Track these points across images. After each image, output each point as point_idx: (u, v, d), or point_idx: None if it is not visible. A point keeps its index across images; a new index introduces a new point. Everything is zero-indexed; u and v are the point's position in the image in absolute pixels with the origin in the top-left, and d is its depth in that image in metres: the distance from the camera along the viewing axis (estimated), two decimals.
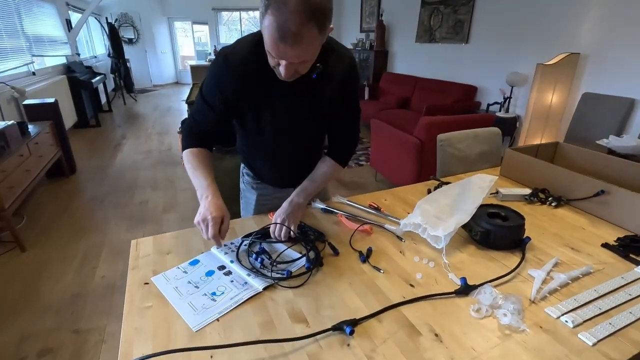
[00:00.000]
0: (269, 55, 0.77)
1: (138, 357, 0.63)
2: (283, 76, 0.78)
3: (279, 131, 1.00)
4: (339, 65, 0.92)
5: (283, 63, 0.75)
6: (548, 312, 0.75)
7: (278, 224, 0.97)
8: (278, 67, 0.77)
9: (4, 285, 1.87)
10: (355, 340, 0.68)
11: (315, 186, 1.05)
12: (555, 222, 1.13)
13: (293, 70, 0.77)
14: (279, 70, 0.78)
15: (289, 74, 0.77)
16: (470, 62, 4.10)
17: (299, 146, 1.08)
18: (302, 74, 0.81)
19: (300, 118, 0.98)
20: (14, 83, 3.34)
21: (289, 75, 0.78)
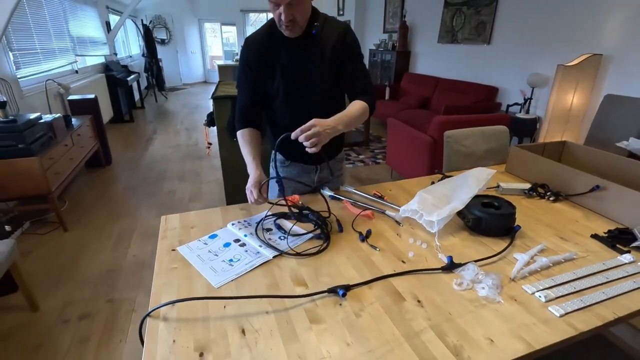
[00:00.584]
0: (274, 13, 1.02)
1: (164, 303, 0.77)
2: (284, 19, 0.99)
3: (292, 86, 1.16)
4: (334, 28, 1.14)
5: (281, 8, 0.97)
6: (525, 288, 0.83)
7: (309, 131, 0.95)
8: (281, 20, 1.01)
9: (50, 260, 2.10)
10: (347, 302, 0.79)
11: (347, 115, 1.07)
12: (551, 215, 1.19)
13: (290, 15, 0.99)
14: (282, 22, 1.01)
15: (287, 17, 0.99)
16: (492, 63, 4.08)
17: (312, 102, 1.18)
18: (301, 22, 1.03)
19: (307, 72, 1.14)
20: (60, 80, 3.66)
21: (287, 19, 0.99)
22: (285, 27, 1.03)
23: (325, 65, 1.14)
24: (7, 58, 2.77)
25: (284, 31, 1.06)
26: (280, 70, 1.13)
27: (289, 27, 1.03)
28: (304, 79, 1.15)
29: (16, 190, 2.15)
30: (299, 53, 1.12)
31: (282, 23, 1.02)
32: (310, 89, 1.17)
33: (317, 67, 1.14)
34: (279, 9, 0.99)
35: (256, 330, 0.71)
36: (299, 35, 1.09)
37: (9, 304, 1.71)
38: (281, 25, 1.04)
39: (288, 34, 1.06)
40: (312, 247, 0.99)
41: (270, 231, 1.08)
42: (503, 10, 3.84)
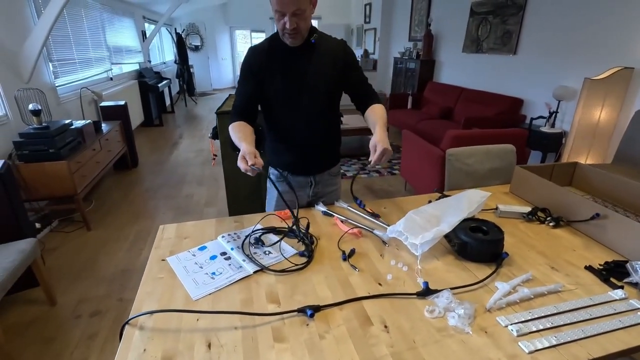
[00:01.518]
0: (277, 22, 1.11)
1: (142, 312, 0.82)
2: (288, 27, 1.08)
3: (291, 90, 1.23)
4: (331, 43, 1.25)
5: (286, 17, 1.07)
6: (499, 320, 0.81)
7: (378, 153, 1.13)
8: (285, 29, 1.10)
9: (72, 257, 2.26)
10: (315, 322, 0.81)
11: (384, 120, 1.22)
12: (547, 242, 1.15)
13: (294, 23, 1.08)
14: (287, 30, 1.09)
15: (292, 25, 1.08)
16: (517, 73, 3.94)
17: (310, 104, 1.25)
18: (303, 31, 1.13)
19: (306, 76, 1.22)
20: (95, 87, 3.92)
21: (291, 27, 1.08)
22: (288, 35, 1.12)
23: (323, 71, 1.23)
24: (47, 69, 3.02)
25: (287, 39, 1.15)
26: (280, 76, 1.21)
27: (292, 35, 1.12)
28: (303, 83, 1.23)
29: (45, 191, 2.33)
30: (299, 60, 1.21)
31: (286, 31, 1.11)
32: (309, 92, 1.24)
33: (316, 72, 1.22)
34: (284, 18, 1.09)
35: (222, 345, 0.75)
36: (300, 44, 1.18)
37: (32, 297, 1.85)
38: (285, 33, 1.12)
39: (290, 42, 1.15)
40: (294, 263, 1.02)
41: (257, 245, 1.12)
42: (530, 20, 3.71)
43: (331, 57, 1.23)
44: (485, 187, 1.53)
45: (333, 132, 1.39)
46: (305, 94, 1.24)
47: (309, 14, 1.12)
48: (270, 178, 1.31)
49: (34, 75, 2.72)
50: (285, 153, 1.36)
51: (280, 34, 1.15)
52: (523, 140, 2.51)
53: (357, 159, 4.31)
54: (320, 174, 1.39)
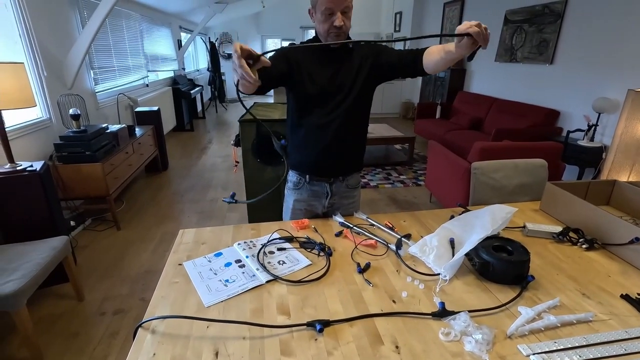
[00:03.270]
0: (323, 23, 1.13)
1: (155, 316, 0.84)
2: (337, 24, 1.11)
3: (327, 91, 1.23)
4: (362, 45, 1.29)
5: (337, 15, 1.10)
6: (520, 348, 0.76)
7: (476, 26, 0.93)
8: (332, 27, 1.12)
9: (101, 255, 2.36)
10: (324, 337, 0.79)
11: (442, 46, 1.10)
12: (579, 265, 1.07)
13: (342, 21, 1.11)
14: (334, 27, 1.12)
15: (341, 22, 1.11)
16: (554, 84, 3.76)
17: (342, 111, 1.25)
18: (347, 30, 1.16)
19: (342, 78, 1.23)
20: (131, 94, 4.13)
21: (340, 23, 1.11)
22: (335, 34, 1.14)
23: (357, 72, 1.24)
24: (88, 76, 3.21)
25: (330, 36, 1.16)
26: (317, 75, 1.23)
27: (339, 33, 1.14)
28: (339, 83, 1.24)
29: (81, 191, 2.46)
30: (337, 59, 1.24)
31: (333, 31, 1.13)
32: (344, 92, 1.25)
33: (351, 72, 1.24)
34: (332, 17, 1.12)
35: (229, 354, 0.74)
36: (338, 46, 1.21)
37: (62, 292, 1.95)
38: (331, 32, 1.14)
39: (333, 38, 1.16)
40: (308, 274, 1.00)
41: (273, 254, 1.12)
42: (569, 28, 3.55)
43: (363, 57, 1.25)
44: (512, 203, 1.46)
45: (359, 136, 1.36)
46: (340, 93, 1.25)
47: (351, 13, 1.16)
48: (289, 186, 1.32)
49: (77, 81, 2.90)
50: (309, 151, 1.32)
51: (325, 35, 1.16)
52: (557, 154, 2.38)
53: (381, 169, 4.26)
54: (337, 185, 1.37)
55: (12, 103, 1.70)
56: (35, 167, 1.85)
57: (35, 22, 2.44)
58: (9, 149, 1.82)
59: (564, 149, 3.17)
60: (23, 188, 1.78)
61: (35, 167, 1.84)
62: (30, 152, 2.36)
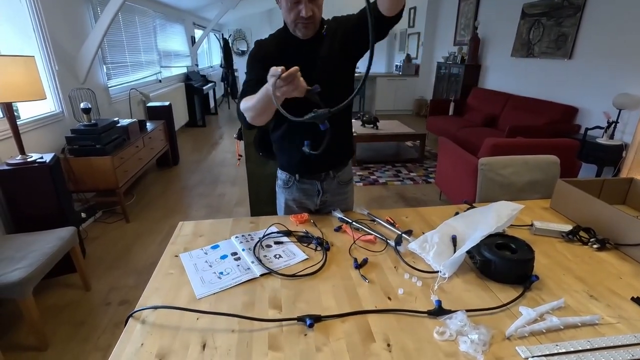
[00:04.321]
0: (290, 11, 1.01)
1: (145, 306, 0.83)
2: (304, 14, 0.99)
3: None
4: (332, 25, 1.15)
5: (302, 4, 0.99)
6: (518, 350, 0.73)
7: None
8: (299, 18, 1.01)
9: (110, 246, 2.41)
10: (314, 333, 0.77)
11: None
12: (588, 266, 1.02)
13: (310, 11, 1.00)
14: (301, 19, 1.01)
15: (309, 12, 1.00)
16: (572, 79, 3.63)
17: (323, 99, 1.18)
18: (317, 20, 1.05)
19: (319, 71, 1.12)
20: (144, 89, 4.18)
21: (308, 13, 0.99)
22: (303, 25, 1.03)
23: (334, 62, 1.15)
24: (101, 70, 3.27)
25: (299, 30, 1.06)
26: None
27: (307, 23, 1.03)
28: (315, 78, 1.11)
29: (91, 184, 2.51)
30: (310, 53, 1.13)
31: (301, 21, 1.02)
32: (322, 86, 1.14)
33: (327, 63, 1.14)
34: (299, 6, 1.00)
35: (216, 347, 0.73)
36: (311, 35, 1.09)
37: (70, 282, 1.99)
38: (298, 23, 1.04)
39: (303, 34, 1.06)
40: (303, 268, 0.99)
41: (270, 248, 1.10)
42: (589, 21, 3.41)
43: (335, 40, 1.14)
44: (521, 201, 1.40)
45: (344, 124, 1.28)
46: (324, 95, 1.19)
47: (322, 1, 1.05)
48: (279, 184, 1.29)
49: (89, 76, 2.96)
50: (293, 151, 1.27)
51: (292, 25, 1.06)
52: (573, 152, 2.29)
53: (391, 165, 4.20)
54: (328, 182, 1.33)
55: (22, 95, 1.74)
56: (45, 159, 1.89)
57: (49, 17, 2.49)
58: (20, 141, 1.86)
59: (582, 147, 3.06)
60: (33, 179, 1.82)
61: (45, 159, 1.88)
62: (44, 144, 2.42)
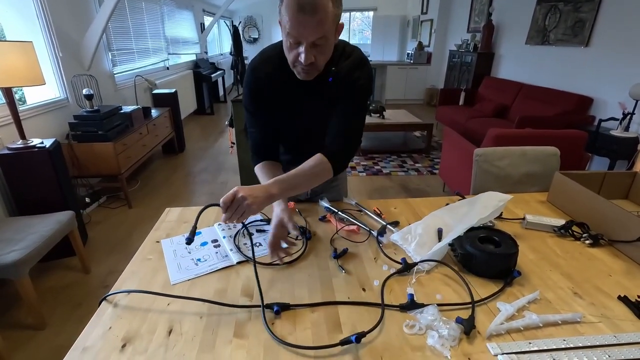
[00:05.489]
0: (289, 50, 0.86)
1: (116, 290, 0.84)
2: (303, 61, 0.83)
3: (300, 130, 1.12)
4: (346, 63, 0.98)
5: (303, 47, 0.82)
6: (488, 347, 0.70)
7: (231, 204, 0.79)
8: (297, 61, 0.85)
9: (112, 231, 2.46)
10: (281, 322, 0.76)
11: (292, 177, 0.91)
12: (577, 262, 0.98)
13: (311, 57, 0.83)
14: (299, 63, 0.85)
15: (308, 59, 0.82)
16: (589, 68, 3.47)
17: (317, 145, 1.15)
18: (319, 67, 0.88)
19: (317, 119, 1.06)
20: (152, 76, 4.20)
21: (307, 61, 0.83)
22: (302, 69, 0.88)
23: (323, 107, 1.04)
24: (106, 57, 3.29)
25: (298, 73, 0.91)
26: (283, 111, 1.05)
27: (306, 70, 0.87)
28: (311, 125, 1.07)
29: (94, 169, 2.55)
30: (309, 96, 1.00)
31: (299, 64, 0.86)
32: (318, 135, 1.07)
33: (327, 113, 1.03)
34: (298, 48, 0.84)
35: (182, 333, 0.73)
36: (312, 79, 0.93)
37: (71, 265, 2.05)
38: (296, 66, 0.88)
39: (302, 77, 0.91)
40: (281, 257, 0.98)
41: (252, 235, 1.10)
42: (608, 7, 3.23)
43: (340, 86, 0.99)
44: (518, 193, 1.35)
45: None
46: (313, 136, 1.09)
47: (331, 44, 0.87)
48: None
49: (94, 63, 2.98)
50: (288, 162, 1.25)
51: (291, 65, 0.90)
52: (581, 144, 2.20)
53: (397, 156, 4.14)
54: None
55: (21, 81, 1.76)
56: (45, 144, 1.92)
57: (52, 2, 2.50)
58: (21, 126, 1.89)
59: (595, 139, 2.94)
60: (33, 163, 1.86)
61: (45, 144, 1.91)
62: (49, 130, 2.46)
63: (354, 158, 4.05)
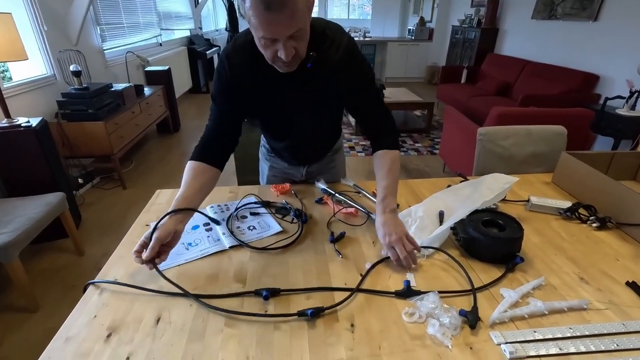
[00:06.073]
0: (264, 49, 0.77)
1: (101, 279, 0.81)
2: (284, 57, 0.76)
3: (284, 122, 1.05)
4: (333, 54, 0.89)
5: (280, 44, 0.74)
6: (492, 335, 0.67)
7: (396, 246, 0.83)
8: (277, 57, 0.77)
9: (106, 212, 2.42)
10: (274, 308, 0.73)
11: (393, 185, 0.94)
12: (583, 246, 0.94)
13: (292, 50, 0.76)
14: (279, 59, 0.77)
15: (289, 54, 0.75)
16: (596, 44, 3.35)
17: (305, 134, 1.10)
18: (302, 56, 0.81)
19: (301, 109, 1.00)
20: (144, 53, 4.05)
21: (289, 56, 0.76)
22: (283, 64, 0.80)
23: (320, 99, 0.98)
24: (95, 32, 3.14)
25: (279, 68, 0.82)
26: (271, 104, 0.98)
27: (290, 63, 0.80)
28: (295, 114, 1.01)
29: (85, 149, 2.48)
30: (290, 85, 0.92)
31: (279, 60, 0.78)
32: (303, 123, 1.04)
33: (314, 104, 0.98)
34: (274, 45, 0.75)
35: (170, 322, 0.70)
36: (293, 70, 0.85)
37: (64, 247, 2.01)
38: (276, 61, 0.80)
39: (285, 71, 0.83)
40: (276, 241, 0.93)
41: (245, 219, 1.05)
42: None
43: (331, 79, 0.93)
44: (522, 174, 1.31)
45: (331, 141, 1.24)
46: (298, 124, 1.04)
47: (308, 28, 0.78)
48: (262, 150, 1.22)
49: (82, 38, 2.85)
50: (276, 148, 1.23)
51: (269, 61, 0.81)
52: (586, 123, 2.14)
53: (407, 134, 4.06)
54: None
55: (2, 56, 1.67)
56: (32, 123, 1.84)
57: None
58: (5, 104, 1.81)
59: (600, 118, 2.87)
60: (19, 143, 1.79)
61: (32, 123, 1.84)
62: (37, 108, 2.38)
63: (352, 138, 3.98)
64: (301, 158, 1.24)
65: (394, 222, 0.87)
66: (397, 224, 0.87)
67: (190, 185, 0.88)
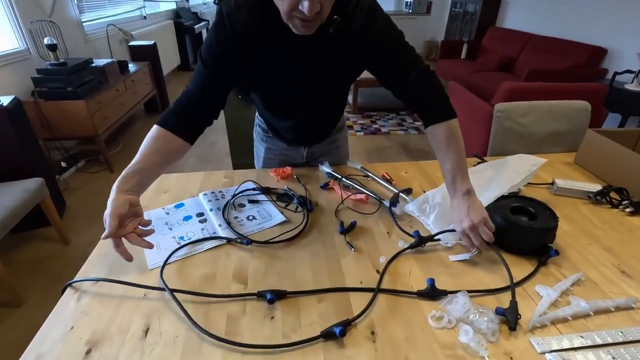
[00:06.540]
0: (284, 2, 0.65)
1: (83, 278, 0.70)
2: (306, 11, 0.63)
3: (291, 96, 0.91)
4: (358, 17, 0.76)
5: None
6: (533, 342, 0.58)
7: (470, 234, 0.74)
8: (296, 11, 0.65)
9: (92, 198, 2.28)
10: (281, 315, 0.63)
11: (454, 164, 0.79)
12: (619, 234, 0.86)
13: (317, 5, 0.64)
14: (299, 14, 0.65)
15: (313, 8, 0.63)
16: (604, 15, 3.20)
17: (312, 111, 0.97)
18: (324, 17, 0.68)
19: (315, 82, 0.87)
20: (127, 26, 3.79)
21: (312, 11, 0.63)
22: (302, 23, 0.67)
23: (338, 70, 0.85)
24: (71, 2, 2.89)
25: (294, 27, 0.70)
26: (274, 72, 0.83)
27: (310, 22, 0.67)
28: (308, 86, 0.87)
29: (66, 131, 2.32)
30: (307, 53, 0.79)
31: (299, 16, 0.66)
32: (313, 95, 0.90)
33: (327, 71, 0.84)
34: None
35: (161, 332, 0.60)
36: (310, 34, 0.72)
37: (48, 235, 1.89)
38: (293, 17, 0.67)
39: (300, 32, 0.70)
40: (279, 233, 0.83)
41: (243, 208, 0.94)
42: None
43: (354, 49, 0.80)
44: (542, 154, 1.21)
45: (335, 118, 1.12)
46: (307, 97, 0.90)
47: None
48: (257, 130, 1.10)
49: (57, 8, 2.62)
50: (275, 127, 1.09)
51: (285, 16, 0.68)
52: (600, 98, 2.03)
53: (395, 114, 3.93)
54: None
55: None
56: (2, 101, 1.68)
57: None
58: None
59: (609, 94, 2.76)
60: None
61: (3, 102, 1.67)
62: (10, 86, 2.19)
63: (351, 116, 3.83)
64: (304, 138, 1.11)
65: (465, 207, 0.75)
66: (471, 208, 0.74)
67: (148, 157, 0.77)
